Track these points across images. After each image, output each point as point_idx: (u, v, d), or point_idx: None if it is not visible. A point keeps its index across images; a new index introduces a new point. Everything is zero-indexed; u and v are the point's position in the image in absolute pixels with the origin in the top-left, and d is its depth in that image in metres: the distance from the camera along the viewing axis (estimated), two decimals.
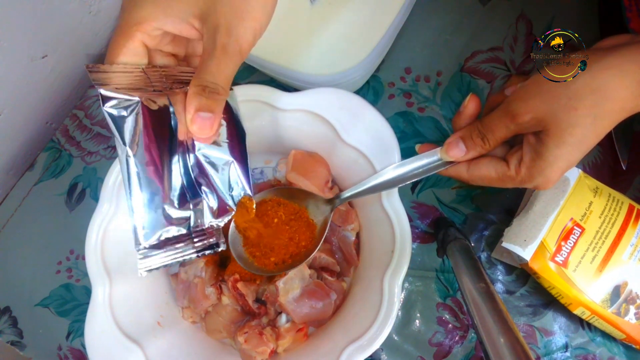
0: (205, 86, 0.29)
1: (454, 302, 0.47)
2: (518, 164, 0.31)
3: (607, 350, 0.43)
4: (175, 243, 0.32)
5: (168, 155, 0.31)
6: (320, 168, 0.45)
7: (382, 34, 0.45)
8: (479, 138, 0.32)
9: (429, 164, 0.35)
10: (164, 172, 0.31)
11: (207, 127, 0.29)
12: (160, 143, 0.31)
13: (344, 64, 0.45)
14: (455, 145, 0.33)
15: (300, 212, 0.41)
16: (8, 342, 0.54)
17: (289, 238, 0.40)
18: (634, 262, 0.39)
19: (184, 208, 0.32)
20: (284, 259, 0.39)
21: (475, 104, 0.33)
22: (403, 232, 0.39)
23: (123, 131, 0.30)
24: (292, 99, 0.42)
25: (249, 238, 0.40)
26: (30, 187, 0.58)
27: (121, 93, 0.30)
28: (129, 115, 0.30)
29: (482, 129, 0.32)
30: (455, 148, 0.33)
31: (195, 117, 0.29)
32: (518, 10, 0.52)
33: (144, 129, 0.30)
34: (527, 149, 0.31)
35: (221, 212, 0.33)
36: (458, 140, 0.33)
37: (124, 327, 0.40)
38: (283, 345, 0.42)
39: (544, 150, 0.29)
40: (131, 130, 0.30)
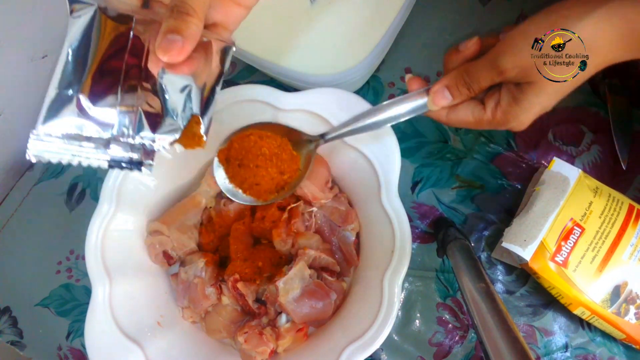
0: (174, 6, 0.27)
1: (454, 302, 0.47)
2: (495, 107, 0.32)
3: (607, 350, 0.43)
4: (83, 140, 0.29)
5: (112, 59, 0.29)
6: (320, 168, 0.45)
7: (382, 34, 0.45)
8: (464, 87, 0.33)
9: (414, 107, 0.35)
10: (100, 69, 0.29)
11: (174, 50, 0.27)
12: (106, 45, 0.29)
13: (344, 64, 0.45)
14: (441, 94, 0.34)
15: (283, 145, 0.39)
16: (8, 342, 0.54)
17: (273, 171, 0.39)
18: (634, 262, 0.39)
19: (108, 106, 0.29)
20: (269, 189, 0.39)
21: (477, 48, 0.33)
22: (403, 232, 0.39)
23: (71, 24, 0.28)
24: (292, 99, 0.42)
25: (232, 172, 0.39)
26: (30, 187, 0.58)
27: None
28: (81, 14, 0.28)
29: (467, 79, 0.32)
30: (442, 97, 0.34)
31: (163, 40, 0.27)
32: (518, 10, 0.52)
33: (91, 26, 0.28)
34: (505, 94, 0.31)
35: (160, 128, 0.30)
36: (444, 89, 0.34)
37: (124, 327, 0.40)
38: (283, 345, 0.42)
39: (522, 97, 0.30)
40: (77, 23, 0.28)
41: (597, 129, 0.47)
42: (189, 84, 0.31)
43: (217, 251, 0.47)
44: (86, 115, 0.28)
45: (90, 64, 0.29)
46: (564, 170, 0.42)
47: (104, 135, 0.29)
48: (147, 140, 0.30)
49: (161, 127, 0.30)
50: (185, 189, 0.48)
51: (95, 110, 0.28)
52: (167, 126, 0.30)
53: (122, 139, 0.29)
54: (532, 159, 0.48)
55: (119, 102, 0.29)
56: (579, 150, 0.48)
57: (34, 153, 0.28)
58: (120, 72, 0.29)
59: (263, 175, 0.39)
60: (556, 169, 0.42)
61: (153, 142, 0.30)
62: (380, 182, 0.40)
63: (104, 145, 0.29)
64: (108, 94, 0.29)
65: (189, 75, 0.30)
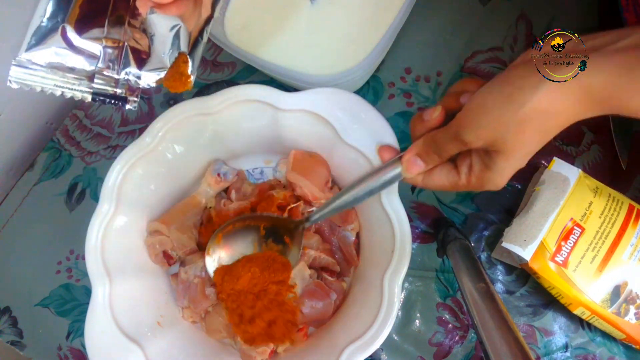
0: None
1: (454, 302, 0.47)
2: (468, 172, 0.33)
3: (607, 350, 0.43)
4: (67, 72, 0.28)
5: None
6: (320, 168, 0.45)
7: (382, 34, 0.45)
8: (435, 154, 0.34)
9: (391, 177, 0.37)
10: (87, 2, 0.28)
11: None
12: None
13: (344, 64, 0.45)
14: (414, 162, 0.35)
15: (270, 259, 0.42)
16: (8, 342, 0.54)
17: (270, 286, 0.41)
18: (634, 262, 0.39)
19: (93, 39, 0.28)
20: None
21: (440, 119, 0.34)
22: (403, 232, 0.39)
23: None
24: (292, 99, 0.42)
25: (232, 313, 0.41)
26: (30, 187, 0.58)
27: None
28: None
29: (435, 147, 0.33)
30: (414, 164, 0.35)
31: None
32: (518, 10, 0.52)
33: None
34: (476, 160, 0.32)
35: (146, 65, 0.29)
36: (415, 158, 0.35)
37: (124, 327, 0.40)
38: (283, 345, 0.42)
39: (493, 164, 0.31)
40: None
41: (597, 129, 0.47)
42: (177, 24, 0.30)
43: None
44: (71, 45, 0.28)
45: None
46: (564, 170, 0.42)
47: (88, 68, 0.28)
48: (132, 77, 0.29)
49: (147, 64, 0.29)
50: (185, 189, 0.48)
51: (80, 41, 0.28)
52: (153, 63, 0.30)
53: (107, 72, 0.29)
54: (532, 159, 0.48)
55: (105, 35, 0.28)
56: (579, 150, 0.48)
57: (15, 79, 0.28)
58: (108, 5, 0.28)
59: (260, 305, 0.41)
60: (556, 169, 0.42)
61: (139, 79, 0.29)
62: None
63: (88, 77, 0.29)
64: (94, 26, 0.28)
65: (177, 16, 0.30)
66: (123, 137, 0.57)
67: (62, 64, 0.28)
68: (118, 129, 0.58)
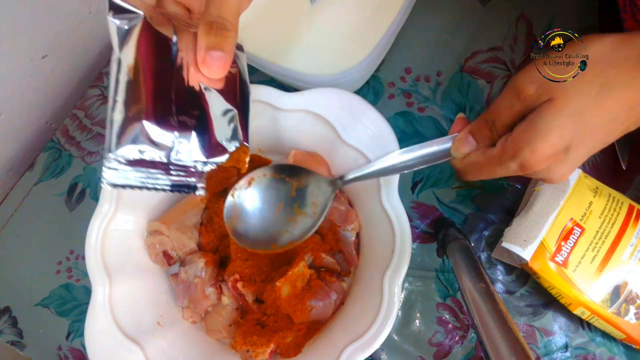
0: (212, 22, 0.28)
1: (454, 302, 0.47)
2: (506, 139, 0.29)
3: (607, 350, 0.43)
4: (150, 167, 0.30)
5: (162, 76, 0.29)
6: (320, 168, 0.45)
7: (382, 34, 0.45)
8: (486, 128, 0.31)
9: (436, 153, 0.35)
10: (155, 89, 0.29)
11: (218, 66, 0.28)
12: (156, 61, 0.29)
13: (344, 64, 0.45)
14: (465, 141, 0.32)
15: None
16: (8, 342, 0.54)
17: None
18: (634, 262, 0.39)
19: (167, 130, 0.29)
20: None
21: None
22: (403, 232, 0.39)
23: (120, 38, 0.28)
24: (292, 99, 0.42)
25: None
26: (30, 187, 0.58)
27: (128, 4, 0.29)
28: (130, 25, 0.29)
29: (488, 117, 0.31)
30: (466, 143, 0.32)
31: (206, 57, 0.28)
32: (518, 10, 0.52)
33: (141, 40, 0.29)
34: (519, 124, 0.28)
35: (212, 152, 0.31)
36: (467, 134, 0.32)
37: (124, 327, 0.40)
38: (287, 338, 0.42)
39: (539, 118, 0.27)
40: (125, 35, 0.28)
41: None
42: (230, 109, 0.32)
43: (217, 251, 0.47)
44: (150, 140, 0.29)
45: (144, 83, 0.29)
46: None
47: (164, 160, 0.30)
48: (200, 164, 0.31)
49: (212, 150, 0.31)
50: None
51: (157, 135, 0.29)
52: (217, 150, 0.31)
53: (180, 162, 0.30)
54: None
55: (176, 125, 0.30)
56: None
57: (108, 182, 0.29)
58: (171, 96, 0.30)
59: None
60: None
61: (205, 165, 0.31)
62: (380, 182, 0.40)
63: (165, 170, 0.30)
64: (166, 118, 0.29)
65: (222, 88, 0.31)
66: None
67: (144, 160, 0.29)
68: None
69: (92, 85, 0.59)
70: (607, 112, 0.26)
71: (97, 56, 0.62)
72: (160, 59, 0.30)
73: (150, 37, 0.29)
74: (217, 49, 0.28)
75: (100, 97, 0.59)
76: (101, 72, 0.59)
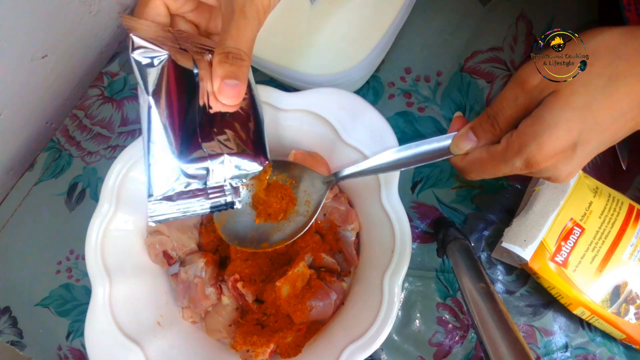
0: (228, 52, 0.29)
1: (454, 302, 0.47)
2: (510, 135, 0.28)
3: (607, 350, 0.43)
4: (189, 197, 0.32)
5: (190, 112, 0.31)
6: (320, 168, 0.45)
7: (382, 34, 0.45)
8: (487, 123, 0.30)
9: (434, 150, 0.34)
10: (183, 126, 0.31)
11: (234, 95, 0.29)
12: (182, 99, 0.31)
13: (344, 64, 0.45)
14: (465, 137, 0.31)
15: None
16: (8, 342, 0.54)
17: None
18: (634, 262, 0.39)
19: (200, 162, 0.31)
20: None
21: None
22: (403, 232, 0.39)
23: (147, 80, 0.30)
24: (292, 99, 0.42)
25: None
26: (30, 187, 0.58)
27: (151, 43, 0.30)
28: (157, 65, 0.30)
29: (490, 111, 0.30)
30: (466, 139, 0.31)
31: (223, 86, 0.29)
32: (518, 10, 0.52)
33: (169, 81, 0.30)
34: (525, 118, 0.27)
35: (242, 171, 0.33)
36: (468, 131, 0.31)
37: (124, 327, 0.40)
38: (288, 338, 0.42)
39: (545, 111, 0.25)
40: (156, 80, 0.30)
41: None
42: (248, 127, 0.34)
43: (217, 251, 0.47)
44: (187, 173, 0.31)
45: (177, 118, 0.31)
46: None
47: (201, 186, 0.32)
48: (234, 182, 0.33)
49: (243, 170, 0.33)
50: None
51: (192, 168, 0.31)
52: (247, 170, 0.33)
53: (217, 184, 0.32)
54: None
55: (207, 153, 0.32)
56: None
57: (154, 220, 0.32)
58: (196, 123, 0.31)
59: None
60: None
61: (239, 183, 0.34)
62: (380, 182, 0.40)
63: (204, 196, 0.32)
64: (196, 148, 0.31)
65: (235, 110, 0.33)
66: (123, 137, 0.57)
67: (184, 191, 0.32)
68: (118, 129, 0.58)
69: (92, 85, 0.59)
70: (616, 105, 0.25)
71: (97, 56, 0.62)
72: (186, 94, 0.31)
73: (177, 74, 0.31)
74: (233, 77, 0.29)
75: (100, 97, 0.59)
76: (101, 72, 0.59)
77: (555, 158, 0.27)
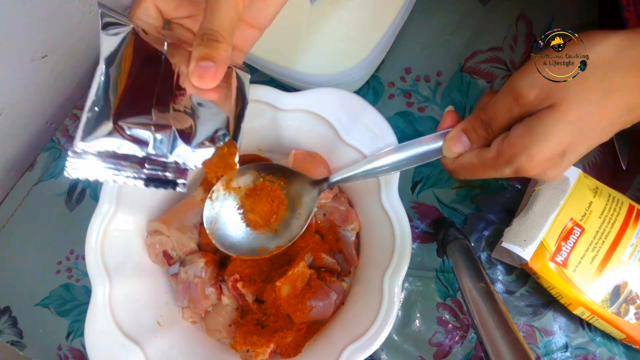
0: (203, 34, 0.28)
1: (454, 302, 0.47)
2: (501, 141, 0.28)
3: (607, 350, 0.43)
4: (121, 159, 0.29)
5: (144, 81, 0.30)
6: (320, 168, 0.45)
7: (382, 34, 0.45)
8: (481, 128, 0.29)
9: (427, 153, 0.33)
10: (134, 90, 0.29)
11: (207, 76, 0.28)
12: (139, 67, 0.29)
13: (344, 64, 0.45)
14: (458, 140, 0.31)
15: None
16: (8, 342, 0.54)
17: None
18: (634, 262, 0.39)
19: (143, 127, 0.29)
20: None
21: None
22: (403, 232, 0.39)
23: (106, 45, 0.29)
24: (292, 99, 0.42)
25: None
26: (30, 187, 0.58)
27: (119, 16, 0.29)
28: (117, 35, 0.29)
29: (484, 117, 0.29)
30: (459, 143, 0.31)
31: (196, 67, 0.28)
32: (518, 10, 0.52)
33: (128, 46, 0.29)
34: (517, 126, 0.27)
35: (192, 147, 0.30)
36: (460, 134, 0.31)
37: (124, 327, 0.40)
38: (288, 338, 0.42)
39: (538, 125, 0.26)
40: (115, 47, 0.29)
41: None
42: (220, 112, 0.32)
43: (217, 251, 0.47)
44: (123, 133, 0.29)
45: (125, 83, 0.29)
46: None
47: (139, 154, 0.30)
48: (181, 159, 0.31)
49: (194, 146, 0.31)
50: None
51: (131, 129, 0.29)
52: (199, 146, 0.31)
53: (157, 157, 0.30)
54: None
55: (154, 121, 0.30)
56: None
57: (71, 170, 0.29)
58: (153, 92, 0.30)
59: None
60: None
61: (186, 161, 0.31)
62: (380, 182, 0.40)
63: (139, 164, 0.30)
64: (142, 113, 0.29)
65: (215, 100, 0.32)
66: None
67: (115, 152, 0.29)
68: None
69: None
70: (607, 116, 0.26)
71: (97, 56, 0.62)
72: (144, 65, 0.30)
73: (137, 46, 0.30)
74: (207, 59, 0.28)
75: None
76: None
77: (544, 166, 0.27)
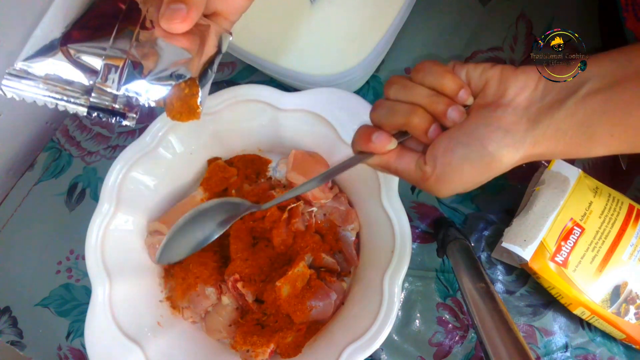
0: None
1: (454, 302, 0.47)
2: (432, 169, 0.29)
3: (607, 350, 0.43)
4: (66, 85, 0.28)
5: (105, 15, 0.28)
6: (320, 168, 0.45)
7: (382, 34, 0.45)
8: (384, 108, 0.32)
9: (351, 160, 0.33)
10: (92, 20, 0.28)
11: (177, 17, 0.27)
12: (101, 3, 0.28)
13: (344, 64, 0.45)
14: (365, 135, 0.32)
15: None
16: (8, 342, 0.54)
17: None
18: (634, 262, 0.39)
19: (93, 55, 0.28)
20: None
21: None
22: (403, 232, 0.39)
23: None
24: (292, 99, 0.42)
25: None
26: (30, 187, 0.58)
27: None
28: None
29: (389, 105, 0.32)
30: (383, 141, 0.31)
31: (166, 10, 0.27)
32: (518, 10, 0.52)
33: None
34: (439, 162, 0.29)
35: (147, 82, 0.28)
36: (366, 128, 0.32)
37: (124, 327, 0.40)
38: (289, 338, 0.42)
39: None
40: None
41: None
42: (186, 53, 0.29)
43: (217, 251, 0.47)
44: (70, 59, 0.27)
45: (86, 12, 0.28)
46: (564, 170, 0.42)
47: (86, 82, 0.28)
48: (133, 93, 0.29)
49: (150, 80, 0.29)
50: (185, 189, 0.48)
51: (80, 55, 0.27)
52: (155, 81, 0.29)
53: (106, 87, 0.28)
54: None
55: (108, 51, 0.28)
56: None
57: (8, 89, 0.27)
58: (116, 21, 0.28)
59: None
60: (556, 169, 0.42)
61: (139, 96, 0.29)
62: (380, 182, 0.40)
63: (85, 91, 0.28)
64: (98, 41, 0.28)
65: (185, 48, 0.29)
66: (123, 137, 0.57)
67: (59, 77, 0.28)
68: (118, 129, 0.58)
69: None
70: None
71: None
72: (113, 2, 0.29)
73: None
74: (179, 1, 0.27)
75: None
76: None
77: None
